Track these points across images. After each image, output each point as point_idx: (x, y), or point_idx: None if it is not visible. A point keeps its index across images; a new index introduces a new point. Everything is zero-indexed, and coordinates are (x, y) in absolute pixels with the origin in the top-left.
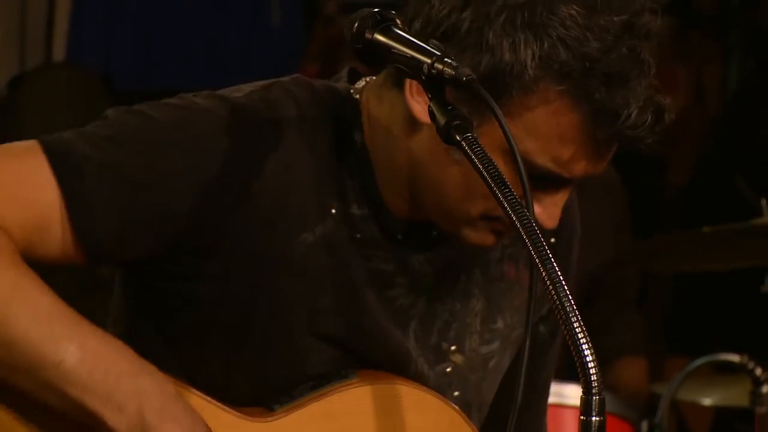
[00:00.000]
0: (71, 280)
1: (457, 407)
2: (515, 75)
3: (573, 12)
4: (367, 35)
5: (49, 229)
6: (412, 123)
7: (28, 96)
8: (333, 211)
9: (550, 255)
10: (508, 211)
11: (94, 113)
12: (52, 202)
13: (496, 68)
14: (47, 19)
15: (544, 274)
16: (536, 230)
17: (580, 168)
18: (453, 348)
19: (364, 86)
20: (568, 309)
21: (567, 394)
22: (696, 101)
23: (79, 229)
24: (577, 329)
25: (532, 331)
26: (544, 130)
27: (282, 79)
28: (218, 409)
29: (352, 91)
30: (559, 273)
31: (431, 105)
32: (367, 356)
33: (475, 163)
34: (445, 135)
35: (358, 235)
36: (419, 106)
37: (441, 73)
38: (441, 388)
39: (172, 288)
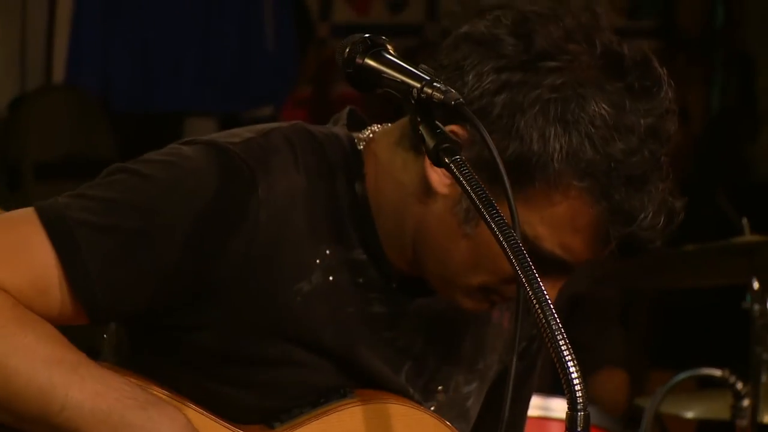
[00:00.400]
0: None
1: (453, 427)
2: (540, 165)
3: (603, 111)
4: (358, 60)
5: (48, 293)
6: (427, 190)
7: (29, 117)
8: (327, 252)
9: (537, 275)
10: (495, 231)
11: (91, 133)
12: (50, 268)
13: (522, 156)
14: (47, 42)
15: (530, 293)
16: (523, 251)
17: (583, 256)
18: (440, 388)
19: (370, 137)
20: (554, 327)
21: (552, 407)
22: (680, 122)
23: (77, 294)
24: (562, 347)
25: (509, 370)
26: (559, 220)
27: (282, 125)
28: (221, 427)
29: (356, 140)
30: (545, 292)
31: (420, 128)
32: (362, 384)
33: (463, 184)
34: (434, 157)
35: (360, 280)
36: (437, 176)
37: (430, 97)
38: None
39: (172, 335)
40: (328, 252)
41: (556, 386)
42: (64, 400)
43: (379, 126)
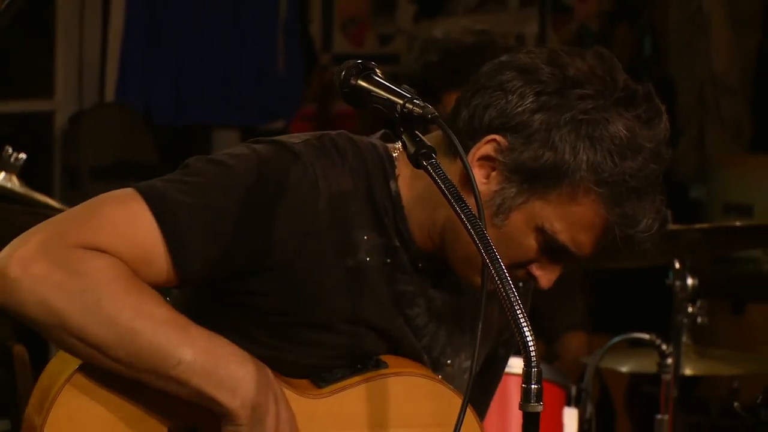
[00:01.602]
0: None
1: (477, 419)
2: (569, 172)
3: (621, 134)
4: (352, 81)
5: (152, 262)
6: (462, 187)
7: (86, 129)
8: (365, 236)
9: (498, 257)
10: (464, 221)
11: (136, 142)
12: (155, 241)
13: (555, 163)
14: (100, 68)
15: (492, 271)
16: (487, 237)
17: (588, 250)
18: (448, 362)
19: (401, 148)
20: (512, 300)
21: (512, 364)
22: None
23: (176, 262)
24: (519, 315)
25: (493, 353)
26: (575, 219)
27: (330, 132)
28: (282, 382)
29: (390, 149)
30: (505, 270)
31: (403, 137)
32: (391, 349)
33: (437, 181)
34: (414, 161)
35: (389, 261)
36: (479, 172)
37: (411, 111)
38: None
39: (238, 299)
40: (366, 237)
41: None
42: (180, 356)
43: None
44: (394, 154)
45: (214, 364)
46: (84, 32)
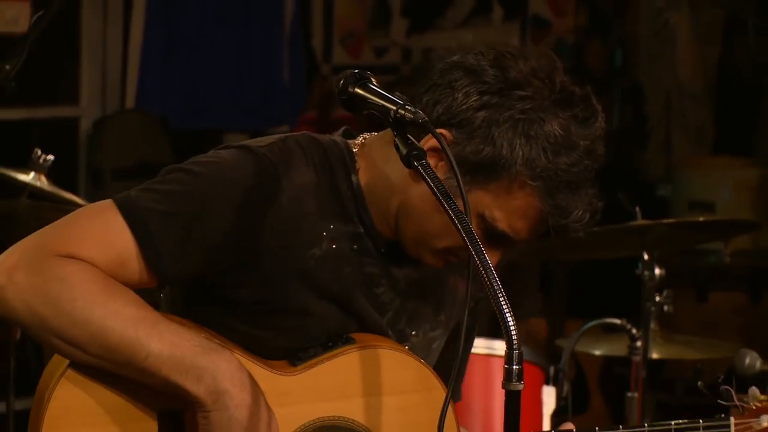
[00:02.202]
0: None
1: (430, 366)
2: (506, 166)
3: (556, 132)
4: (349, 89)
5: (127, 266)
6: (413, 179)
7: (108, 133)
8: (331, 226)
9: (483, 249)
10: (452, 216)
11: (154, 145)
12: (128, 246)
13: (494, 157)
14: (121, 77)
15: (478, 262)
16: (472, 231)
17: (525, 235)
18: (413, 333)
19: (362, 142)
20: (496, 287)
21: (495, 347)
22: None
23: (149, 265)
24: (502, 302)
25: (461, 323)
26: (513, 208)
27: (294, 134)
28: (255, 365)
29: (351, 145)
30: (489, 261)
31: (396, 139)
32: (358, 327)
33: (428, 180)
34: (407, 161)
35: (355, 246)
36: None
37: (403, 116)
38: None
39: (218, 292)
40: (332, 226)
41: (498, 332)
42: (148, 350)
43: (367, 135)
44: (354, 150)
45: (180, 355)
46: (107, 45)
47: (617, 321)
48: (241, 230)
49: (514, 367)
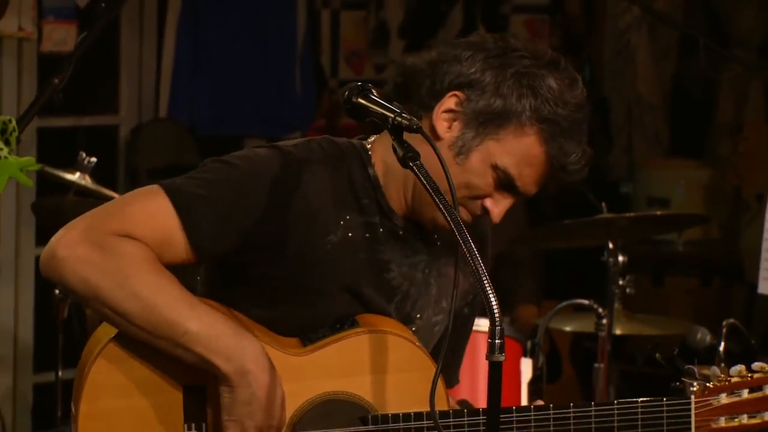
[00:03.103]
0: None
1: (425, 349)
2: (516, 113)
3: (554, 85)
4: (353, 99)
5: (172, 243)
6: (436, 141)
7: (144, 139)
8: (348, 216)
9: (470, 238)
10: (442, 210)
11: (184, 149)
12: (174, 226)
13: (504, 108)
14: (155, 89)
15: (466, 251)
16: (461, 223)
17: (531, 182)
18: (418, 316)
19: (374, 140)
20: (480, 271)
21: (480, 324)
22: None
23: (193, 244)
24: (486, 284)
25: (460, 313)
26: (522, 154)
27: (317, 137)
28: (270, 347)
29: (365, 143)
30: (475, 250)
31: (394, 143)
32: (365, 311)
33: (421, 179)
34: (403, 162)
35: (368, 235)
36: (443, 125)
37: (400, 123)
38: None
39: (246, 269)
40: (348, 217)
41: (483, 311)
42: (186, 327)
43: (376, 135)
44: (368, 147)
45: (214, 335)
46: (142, 61)
47: (586, 302)
48: (270, 215)
49: (497, 341)
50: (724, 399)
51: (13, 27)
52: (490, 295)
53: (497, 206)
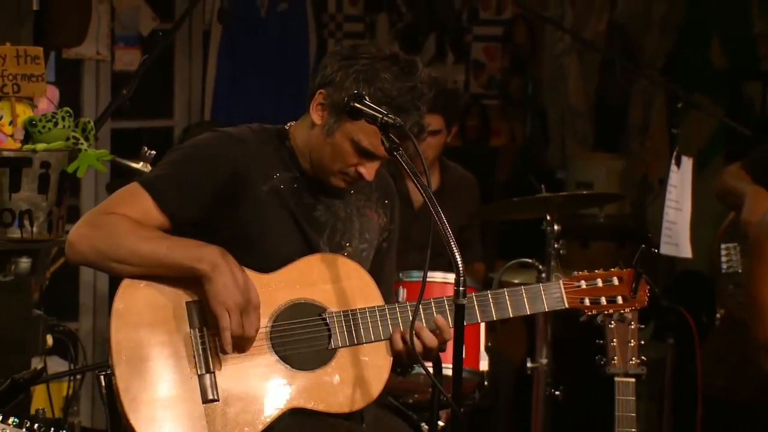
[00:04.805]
0: None
1: (369, 275)
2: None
3: (387, 76)
4: (351, 104)
5: (149, 215)
6: (313, 127)
7: (192, 137)
8: (277, 174)
9: (437, 203)
10: (417, 185)
11: None
12: (147, 201)
13: (350, 99)
14: (201, 96)
15: (437, 218)
16: (433, 197)
17: (381, 150)
18: (348, 245)
19: (292, 124)
20: (449, 235)
21: (448, 277)
22: (510, 140)
23: (162, 210)
24: (453, 245)
25: (379, 246)
26: (368, 131)
27: (251, 124)
28: (245, 268)
29: (286, 126)
30: (443, 216)
31: (382, 138)
32: (305, 244)
33: (404, 165)
34: (390, 152)
35: (295, 185)
36: (317, 115)
37: (386, 122)
38: None
39: (211, 227)
40: (277, 174)
41: (450, 268)
42: (165, 251)
43: (294, 121)
44: (287, 128)
45: (185, 246)
46: (191, 75)
47: (529, 260)
48: (217, 181)
49: (461, 288)
50: (583, 285)
51: (92, 52)
52: (456, 255)
53: (366, 169)
